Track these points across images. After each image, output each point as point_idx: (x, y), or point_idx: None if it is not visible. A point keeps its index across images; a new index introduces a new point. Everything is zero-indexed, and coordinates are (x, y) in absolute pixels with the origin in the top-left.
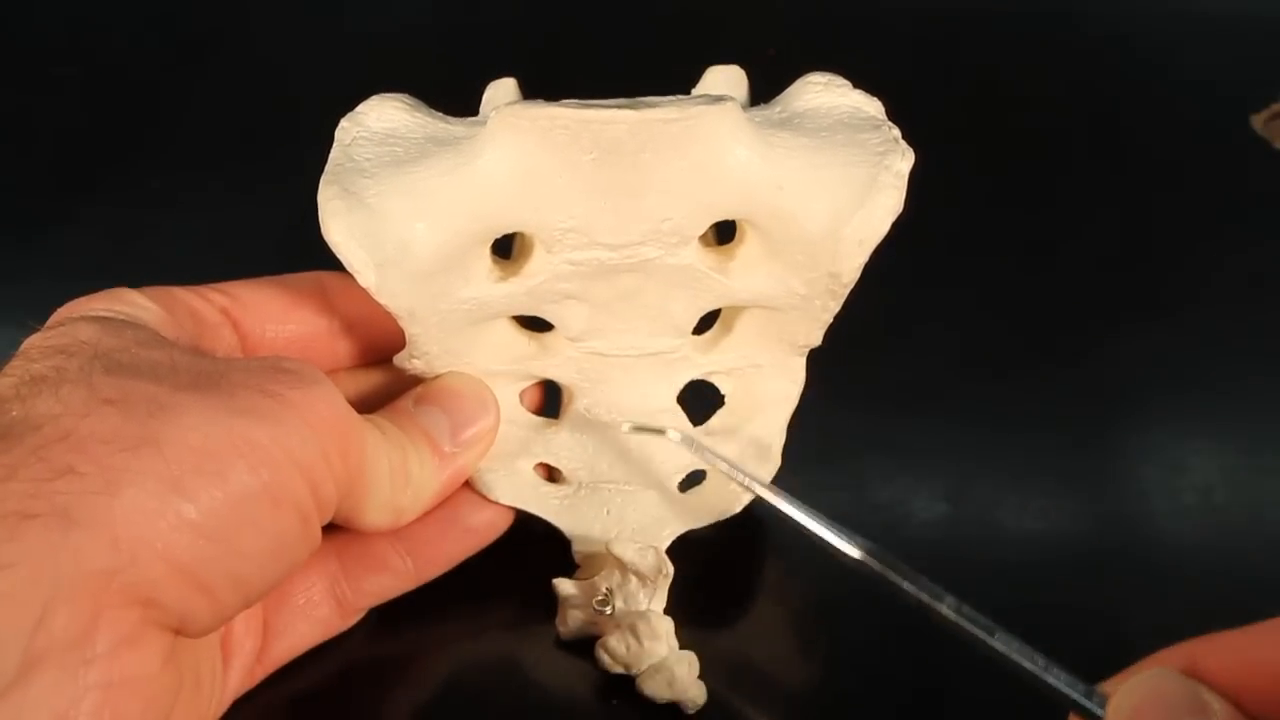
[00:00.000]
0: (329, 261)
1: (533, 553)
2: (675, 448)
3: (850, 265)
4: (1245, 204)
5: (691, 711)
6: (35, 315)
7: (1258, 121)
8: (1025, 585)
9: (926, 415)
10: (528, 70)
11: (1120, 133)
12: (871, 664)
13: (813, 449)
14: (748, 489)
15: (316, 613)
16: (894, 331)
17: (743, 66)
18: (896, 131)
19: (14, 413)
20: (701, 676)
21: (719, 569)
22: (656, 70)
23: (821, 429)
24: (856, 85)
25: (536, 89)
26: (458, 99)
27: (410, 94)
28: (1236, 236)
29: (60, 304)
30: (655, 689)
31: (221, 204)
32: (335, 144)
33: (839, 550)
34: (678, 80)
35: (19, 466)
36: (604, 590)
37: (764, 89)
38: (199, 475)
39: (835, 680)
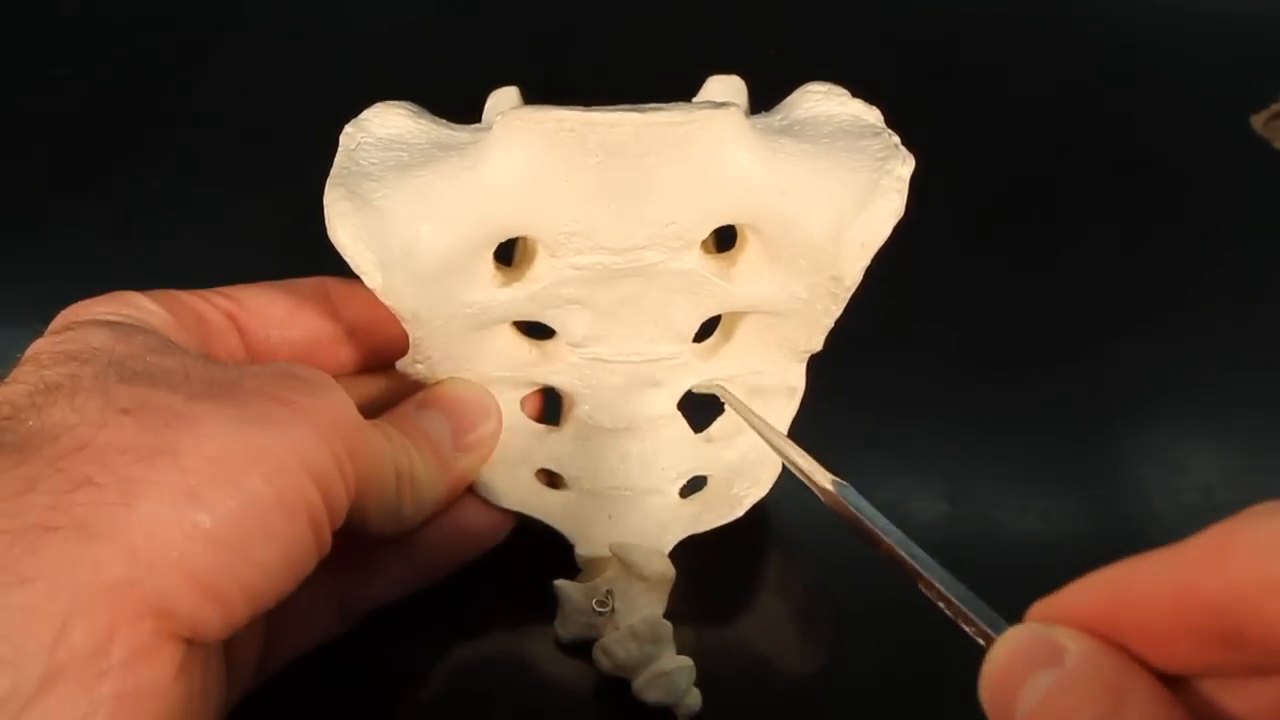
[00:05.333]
0: (330, 263)
1: (534, 554)
2: (676, 452)
3: (852, 268)
4: (1245, 204)
5: (686, 717)
6: (35, 316)
7: (1258, 121)
8: (1025, 585)
9: (926, 415)
10: (530, 76)
11: (1120, 133)
12: (871, 668)
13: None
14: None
15: (318, 617)
16: (894, 331)
17: (744, 67)
18: (896, 138)
19: (30, 423)
20: (699, 681)
21: (718, 571)
22: (658, 72)
23: (821, 429)
24: (856, 84)
25: (538, 96)
26: (460, 104)
27: (412, 98)
28: (1236, 236)
29: (60, 305)
30: (652, 694)
31: (222, 205)
32: (340, 149)
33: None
34: (679, 82)
35: (38, 479)
36: (604, 592)
37: (765, 90)
38: (215, 485)
39: (834, 683)
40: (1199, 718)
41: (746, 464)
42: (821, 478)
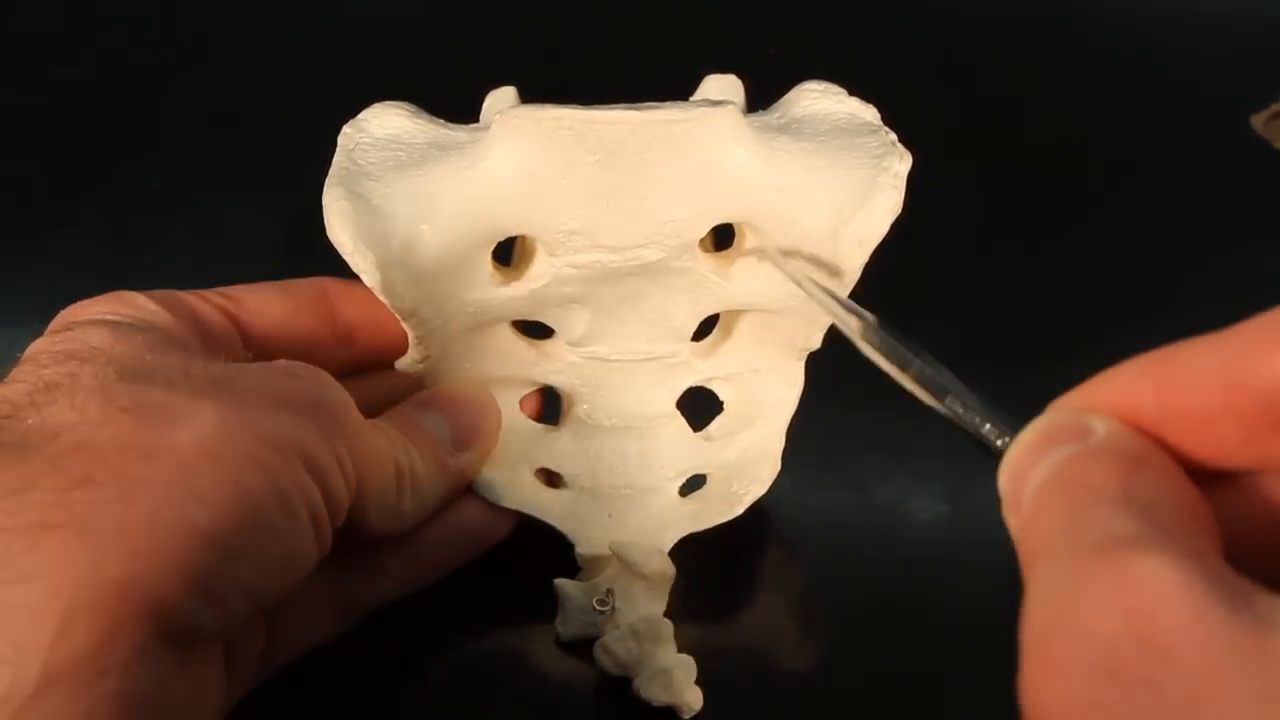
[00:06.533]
0: (329, 262)
1: (534, 553)
2: (675, 450)
3: (851, 265)
4: (1245, 204)
5: (687, 716)
6: (35, 316)
7: (1258, 121)
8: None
9: (926, 415)
10: (527, 75)
11: (1120, 133)
12: (871, 666)
13: (813, 449)
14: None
15: (318, 617)
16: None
17: (743, 67)
18: (893, 136)
19: (30, 421)
20: (699, 679)
21: (718, 569)
22: (656, 72)
23: (821, 429)
24: (856, 84)
25: (536, 95)
26: (458, 104)
27: (410, 98)
28: (1236, 236)
29: (60, 305)
30: (653, 692)
31: (222, 205)
32: (339, 149)
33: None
34: (677, 81)
35: (38, 477)
36: (604, 591)
37: (764, 89)
38: (214, 484)
39: (834, 681)
40: (1233, 515)
41: (746, 462)
42: (854, 320)
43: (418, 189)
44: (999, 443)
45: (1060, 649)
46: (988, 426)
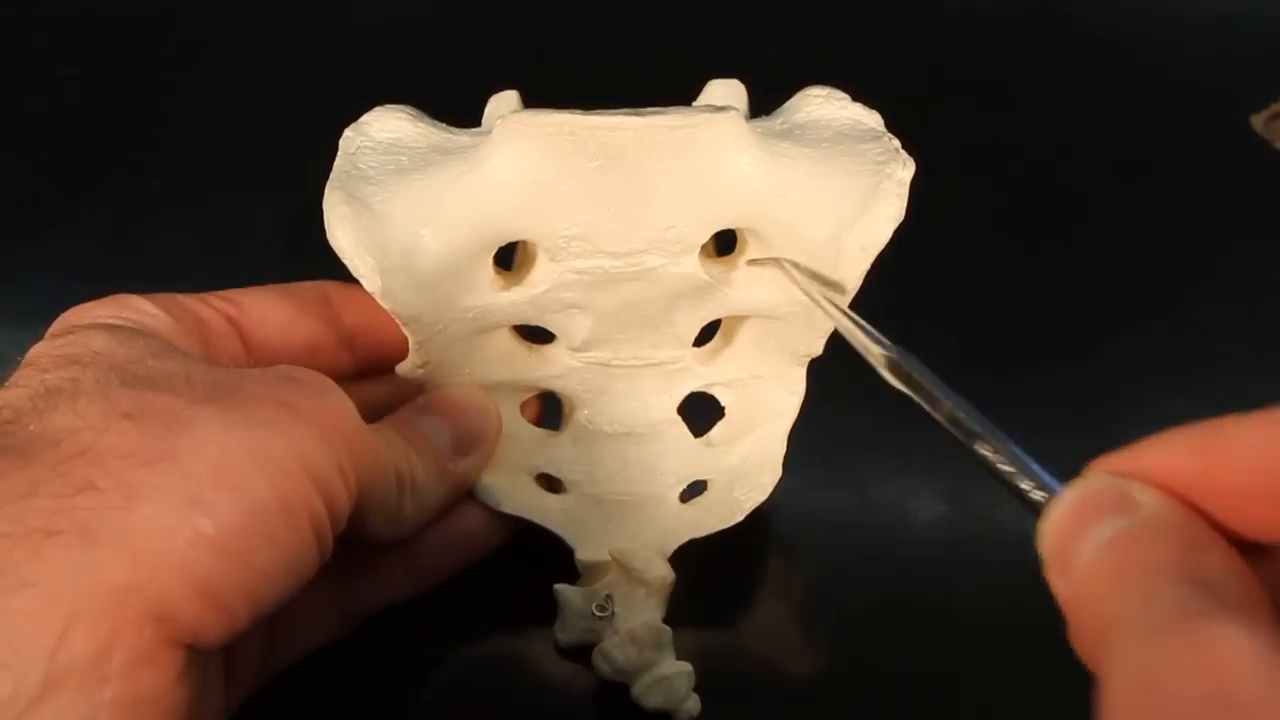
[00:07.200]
0: (330, 265)
1: (534, 559)
2: (677, 456)
3: (853, 272)
4: (1245, 204)
5: None
6: (35, 317)
7: (1258, 121)
8: (1025, 585)
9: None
10: (529, 78)
11: (1120, 133)
12: (871, 670)
13: (813, 449)
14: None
15: (318, 621)
16: (894, 332)
17: (744, 68)
18: (896, 142)
19: (32, 427)
20: (698, 686)
21: (718, 575)
22: (658, 74)
23: (822, 429)
24: (856, 86)
25: (538, 99)
26: (460, 107)
27: (412, 100)
28: (1236, 236)
29: (60, 307)
30: (651, 698)
31: (222, 207)
32: (340, 153)
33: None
34: (679, 83)
35: (40, 483)
36: (604, 597)
37: (765, 91)
38: (216, 490)
39: (834, 687)
40: (1269, 584)
41: (747, 468)
42: (876, 347)
43: (419, 193)
44: (1034, 495)
45: (1147, 716)
46: (1022, 479)
